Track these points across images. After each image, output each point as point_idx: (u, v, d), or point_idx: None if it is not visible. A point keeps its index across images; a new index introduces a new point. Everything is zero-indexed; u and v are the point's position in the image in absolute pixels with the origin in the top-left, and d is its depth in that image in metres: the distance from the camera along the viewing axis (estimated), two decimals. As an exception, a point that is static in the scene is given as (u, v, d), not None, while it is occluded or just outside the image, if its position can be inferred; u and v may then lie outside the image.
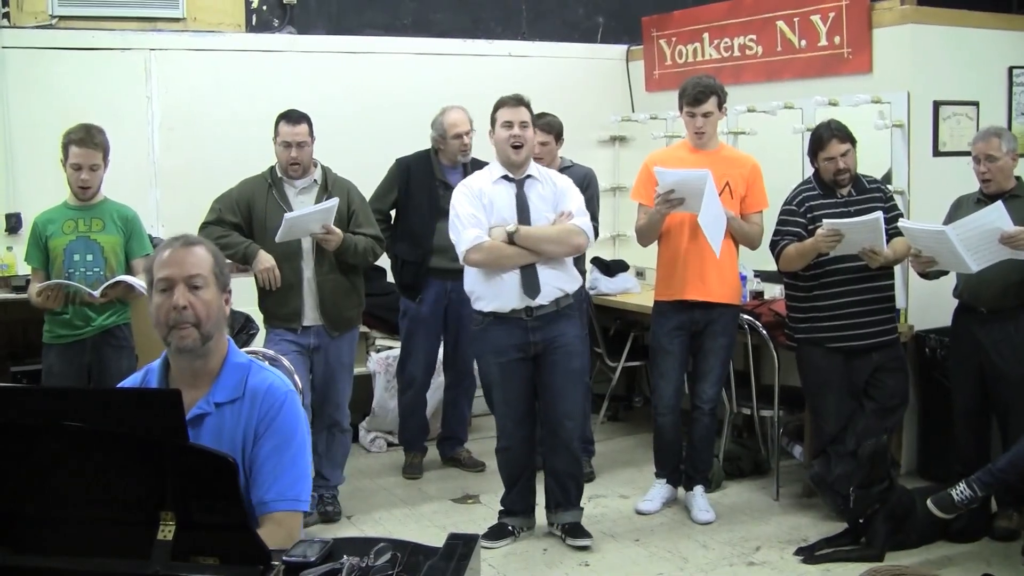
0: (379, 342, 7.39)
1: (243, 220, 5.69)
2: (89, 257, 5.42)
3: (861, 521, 5.19)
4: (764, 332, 6.01)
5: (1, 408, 2.28)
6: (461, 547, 2.35)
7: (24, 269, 5.90)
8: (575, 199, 5.34)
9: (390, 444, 7.25)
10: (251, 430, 2.86)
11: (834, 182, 5.51)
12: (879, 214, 5.23)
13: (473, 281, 5.37)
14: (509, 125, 5.28)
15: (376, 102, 7.68)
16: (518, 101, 5.33)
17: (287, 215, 5.47)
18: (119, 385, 3.09)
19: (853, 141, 5.49)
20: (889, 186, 5.98)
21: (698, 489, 5.92)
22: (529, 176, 5.35)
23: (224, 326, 2.96)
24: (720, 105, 5.65)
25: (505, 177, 5.34)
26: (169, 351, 2.93)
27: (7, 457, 2.29)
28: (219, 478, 2.18)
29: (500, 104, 5.36)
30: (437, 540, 2.43)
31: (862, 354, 5.53)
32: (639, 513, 5.94)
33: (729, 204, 5.58)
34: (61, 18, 7.04)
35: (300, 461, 2.90)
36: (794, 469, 6.37)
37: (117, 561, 2.23)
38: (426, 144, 6.54)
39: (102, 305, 5.40)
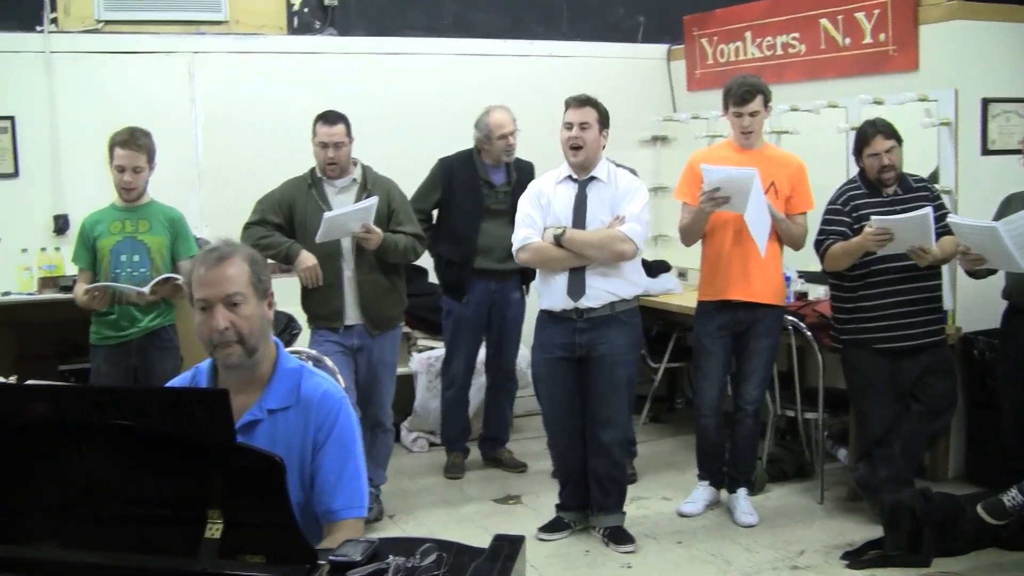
0: (421, 342, 7.40)
1: (285, 220, 5.71)
2: (136, 258, 5.45)
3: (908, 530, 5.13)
4: (808, 333, 5.96)
5: (52, 406, 2.28)
6: (507, 548, 2.34)
7: (72, 269, 5.94)
8: (634, 204, 5.29)
9: (432, 444, 7.26)
10: (309, 439, 2.86)
11: (879, 180, 5.45)
12: (928, 209, 5.15)
13: (537, 279, 5.48)
14: (569, 126, 5.29)
15: (417, 103, 7.69)
16: (582, 102, 5.32)
17: (326, 214, 5.48)
18: (168, 384, 3.08)
19: (898, 138, 5.42)
20: (936, 185, 5.91)
21: (741, 492, 5.87)
22: (593, 178, 5.34)
23: (269, 332, 2.94)
24: (766, 104, 5.62)
25: (569, 177, 5.35)
26: (218, 364, 2.92)
27: (58, 455, 2.30)
28: (266, 477, 2.19)
29: (566, 104, 5.37)
30: (479, 540, 2.41)
31: (909, 356, 5.46)
32: (681, 515, 5.90)
33: (774, 204, 5.53)
34: (107, 22, 7.10)
35: (360, 467, 2.91)
36: (838, 472, 6.30)
37: (165, 559, 2.23)
38: (467, 144, 6.54)
39: (147, 306, 5.43)
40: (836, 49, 6.91)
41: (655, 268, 7.60)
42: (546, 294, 5.39)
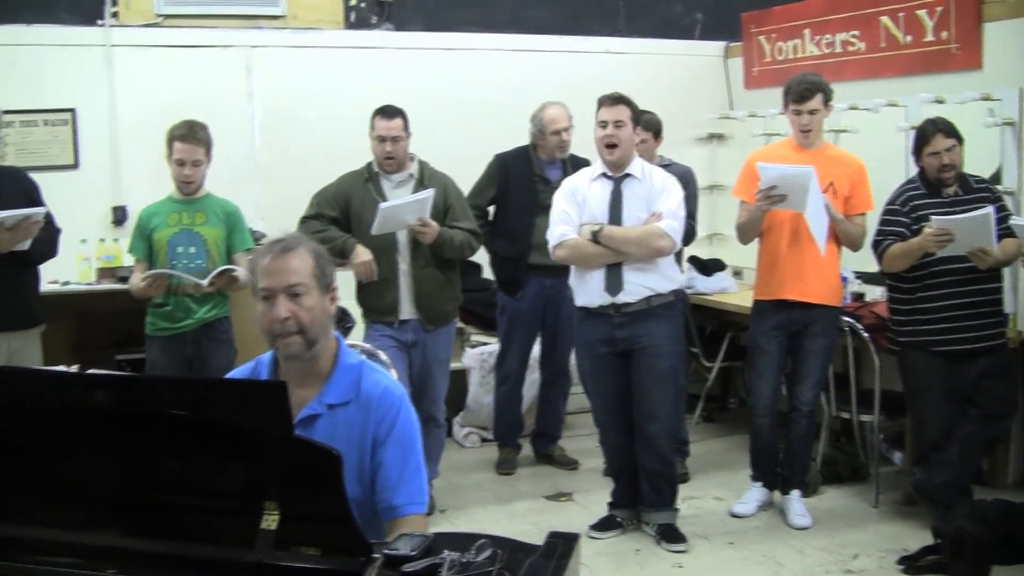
0: (474, 338, 7.41)
1: (341, 214, 5.74)
2: (192, 249, 5.50)
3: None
4: (865, 334, 5.90)
5: (113, 396, 2.30)
6: (561, 545, 2.32)
7: (129, 260, 5.99)
8: (669, 200, 5.29)
9: (484, 440, 7.27)
10: (368, 435, 2.86)
11: (939, 180, 5.37)
12: (990, 210, 5.07)
13: (571, 276, 5.47)
14: (604, 124, 5.28)
15: (473, 98, 7.71)
16: (615, 100, 5.31)
17: (381, 205, 5.49)
18: (228, 376, 3.09)
19: (959, 138, 5.34)
20: (998, 186, 5.83)
21: (794, 493, 5.83)
22: (628, 175, 5.33)
23: (331, 326, 2.94)
24: (826, 102, 5.56)
25: (604, 175, 5.34)
26: (277, 355, 2.94)
27: (115, 444, 2.32)
28: (323, 470, 2.19)
29: (599, 103, 5.35)
30: (530, 537, 2.40)
31: (967, 359, 5.37)
32: (733, 516, 5.86)
33: (833, 205, 5.48)
34: (166, 16, 7.18)
35: (421, 463, 2.92)
36: (893, 476, 6.23)
37: (221, 548, 2.24)
38: (523, 140, 6.54)
39: (203, 298, 5.48)
40: (896, 47, 6.84)
41: (710, 267, 7.56)
42: (582, 291, 5.40)
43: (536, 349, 6.81)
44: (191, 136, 5.45)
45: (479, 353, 7.25)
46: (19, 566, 2.15)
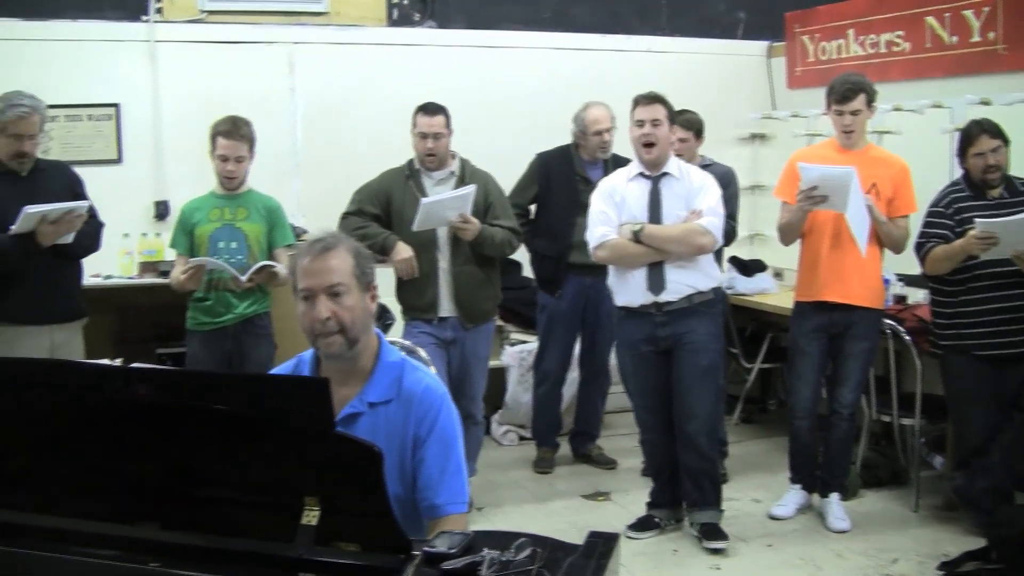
0: (513, 336, 7.42)
1: (382, 211, 5.76)
2: (233, 245, 5.52)
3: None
4: (907, 338, 5.85)
5: (153, 389, 2.31)
6: (601, 545, 2.32)
7: (171, 255, 6.03)
8: (708, 197, 5.29)
9: (522, 438, 7.27)
10: (410, 434, 2.87)
11: (983, 181, 5.33)
12: None
13: (610, 276, 5.47)
14: (641, 123, 5.28)
15: (515, 96, 7.72)
16: (651, 99, 5.30)
17: (423, 200, 5.50)
18: (270, 372, 3.11)
19: (1005, 139, 5.30)
20: (1044, 190, 5.77)
21: (834, 496, 5.79)
22: (666, 173, 5.33)
23: (371, 324, 2.95)
24: (869, 103, 5.51)
25: (641, 174, 5.34)
26: (320, 354, 2.94)
27: (157, 438, 2.33)
28: (364, 466, 2.19)
29: (635, 102, 5.35)
30: (567, 536, 2.39)
31: (1010, 363, 5.32)
32: (772, 518, 5.83)
33: (875, 206, 5.43)
34: (210, 12, 7.23)
35: (462, 462, 2.92)
36: (934, 480, 6.17)
37: (262, 543, 2.24)
38: (565, 139, 6.54)
39: (243, 293, 5.50)
40: (942, 47, 6.79)
41: (751, 267, 7.52)
42: (623, 290, 5.39)
43: (575, 348, 6.79)
44: (235, 132, 5.48)
45: (518, 351, 7.25)
46: (62, 557, 2.16)
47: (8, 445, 2.47)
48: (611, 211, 5.32)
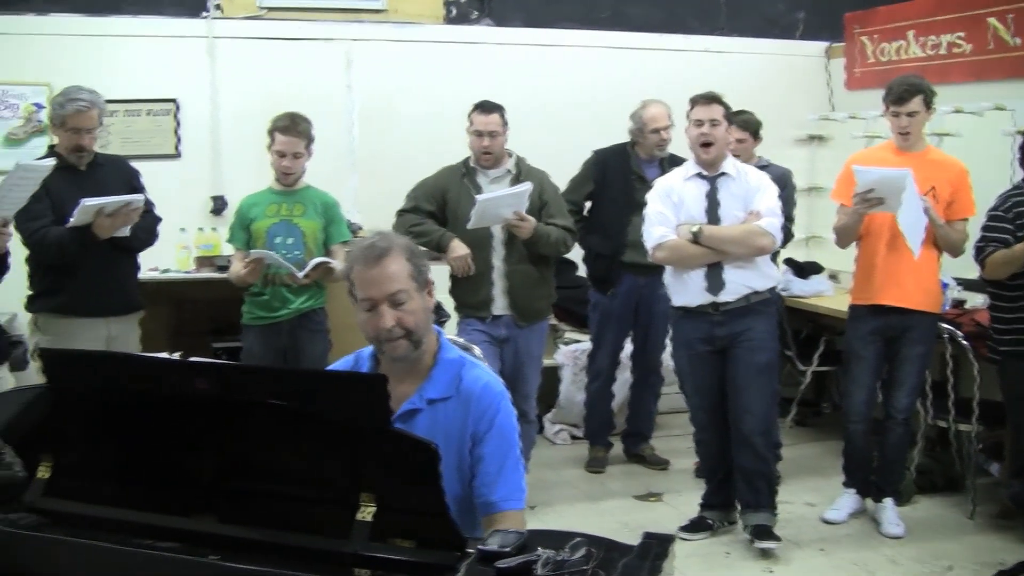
0: (568, 335, 7.42)
1: (438, 208, 5.78)
2: (290, 240, 5.55)
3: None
4: (965, 342, 5.78)
5: (214, 383, 2.33)
6: (656, 546, 2.31)
7: (227, 250, 6.08)
8: (767, 198, 5.26)
9: (574, 437, 7.28)
10: (468, 431, 2.86)
11: (1045, 185, 5.27)
12: None
13: (667, 276, 5.45)
14: (699, 123, 5.26)
15: (571, 95, 7.72)
16: (710, 99, 5.29)
17: (478, 197, 5.52)
18: (329, 368, 3.12)
19: (1069, 143, 5.24)
20: (1108, 194, 5.69)
21: (888, 501, 5.74)
22: (723, 174, 5.31)
23: (432, 322, 2.96)
24: (927, 105, 5.46)
25: (698, 174, 5.32)
26: (383, 356, 2.94)
27: (215, 431, 2.36)
28: (420, 463, 2.20)
29: (692, 102, 5.34)
30: (618, 536, 2.38)
31: (1072, 370, 5.26)
32: (825, 522, 5.80)
33: (933, 209, 5.38)
34: (268, 9, 7.26)
35: (520, 459, 2.91)
36: (990, 487, 6.10)
37: (318, 538, 2.26)
38: (620, 138, 6.52)
39: (299, 288, 5.53)
40: (1004, 49, 6.71)
41: (806, 269, 7.48)
42: (681, 291, 5.37)
43: (628, 347, 6.77)
44: (293, 128, 5.51)
45: (572, 350, 7.24)
46: (124, 549, 2.18)
47: (69, 437, 2.50)
48: (669, 211, 5.30)
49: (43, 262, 5.12)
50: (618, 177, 6.43)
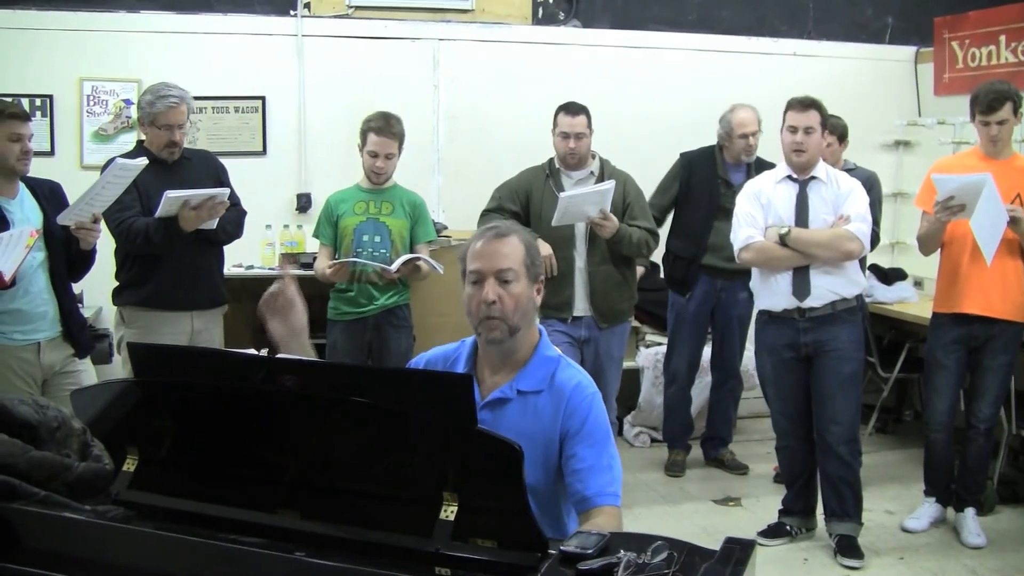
0: (649, 337, 7.41)
1: (521, 209, 5.81)
2: (377, 238, 5.62)
3: None
4: (1050, 352, 5.71)
5: (298, 381, 2.37)
6: (738, 552, 2.31)
7: (312, 246, 6.15)
8: (857, 203, 5.21)
9: (653, 440, 7.28)
10: (558, 426, 2.90)
11: None
12: None
13: (753, 279, 5.45)
14: (793, 130, 5.24)
15: (658, 97, 7.71)
16: (806, 104, 5.25)
17: (562, 195, 5.54)
18: (430, 358, 3.15)
19: None
20: None
21: (969, 511, 5.67)
22: (814, 177, 5.28)
23: (534, 317, 3.01)
24: (1016, 112, 5.38)
25: (789, 177, 5.30)
26: (479, 340, 3.00)
27: (299, 427, 2.39)
28: (504, 464, 2.21)
29: (789, 105, 5.31)
30: (696, 540, 2.38)
31: None
32: (905, 531, 5.75)
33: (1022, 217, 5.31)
34: (357, 8, 7.33)
35: (615, 457, 2.94)
36: (1075, 499, 6.03)
37: (400, 536, 2.27)
38: (706, 142, 6.51)
39: (385, 285, 5.59)
40: (1098, 56, 6.60)
41: (891, 276, 7.40)
42: (767, 294, 5.35)
43: (708, 351, 6.76)
44: (387, 129, 5.57)
45: (653, 353, 7.24)
46: (211, 543, 2.21)
47: (155, 430, 2.55)
48: (757, 213, 5.29)
49: (130, 252, 5.18)
50: (704, 181, 6.42)
